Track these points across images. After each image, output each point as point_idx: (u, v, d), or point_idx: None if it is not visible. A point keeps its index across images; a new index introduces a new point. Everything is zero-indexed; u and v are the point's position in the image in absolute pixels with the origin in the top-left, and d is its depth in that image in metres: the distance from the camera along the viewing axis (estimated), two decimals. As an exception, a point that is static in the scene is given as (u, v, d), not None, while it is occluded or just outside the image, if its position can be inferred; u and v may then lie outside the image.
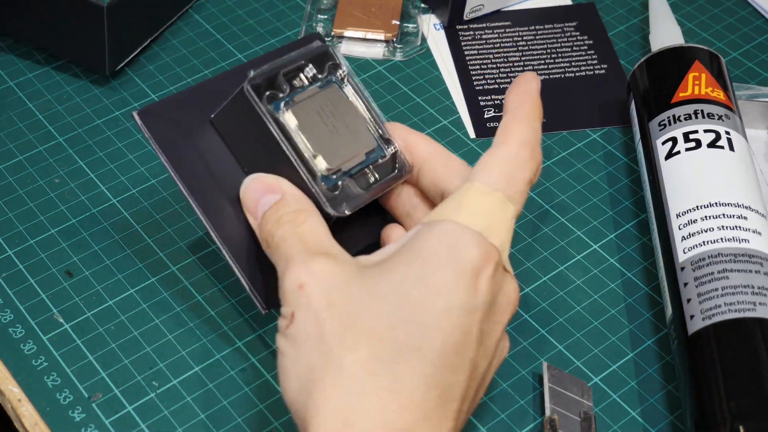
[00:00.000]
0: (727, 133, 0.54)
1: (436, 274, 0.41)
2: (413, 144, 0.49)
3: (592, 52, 0.68)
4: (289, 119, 0.47)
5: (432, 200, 0.49)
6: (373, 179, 0.48)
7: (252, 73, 0.47)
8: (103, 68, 0.63)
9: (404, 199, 0.50)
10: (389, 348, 0.39)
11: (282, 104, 0.47)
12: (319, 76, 0.49)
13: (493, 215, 0.43)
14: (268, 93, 0.47)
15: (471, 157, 0.61)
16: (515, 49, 0.68)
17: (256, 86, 0.47)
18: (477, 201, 0.43)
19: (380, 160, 0.49)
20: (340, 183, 0.47)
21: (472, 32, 0.69)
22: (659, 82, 0.58)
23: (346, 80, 0.50)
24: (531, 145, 0.45)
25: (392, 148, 0.49)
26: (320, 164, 0.47)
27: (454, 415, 0.40)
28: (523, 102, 0.46)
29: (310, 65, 0.49)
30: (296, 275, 0.41)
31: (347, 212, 0.47)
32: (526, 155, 0.45)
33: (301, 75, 0.49)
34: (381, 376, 0.39)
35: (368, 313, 0.40)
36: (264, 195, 0.46)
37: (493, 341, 0.43)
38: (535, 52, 0.68)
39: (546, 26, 0.69)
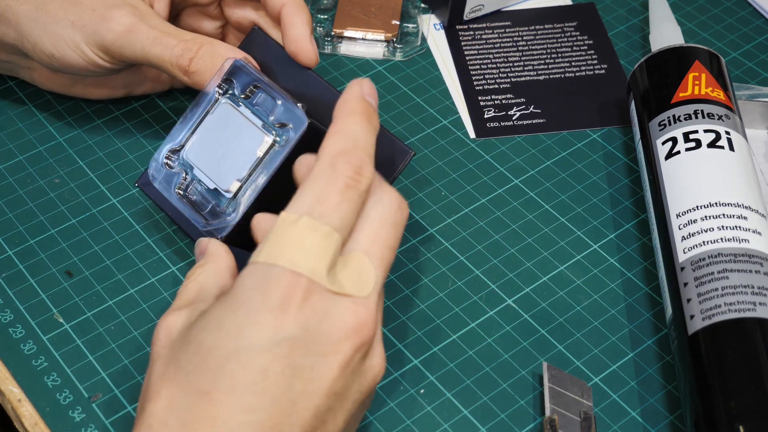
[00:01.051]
0: (727, 133, 0.54)
1: (231, 318, 0.41)
2: None
3: (592, 52, 0.68)
4: (188, 158, 0.52)
5: None
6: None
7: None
8: None
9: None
10: (182, 397, 0.40)
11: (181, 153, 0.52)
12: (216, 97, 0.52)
13: (298, 244, 0.41)
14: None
15: (471, 157, 0.61)
16: (515, 49, 0.68)
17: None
18: (282, 234, 0.42)
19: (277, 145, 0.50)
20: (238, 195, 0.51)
21: (472, 32, 0.69)
22: (659, 82, 0.58)
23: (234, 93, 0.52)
24: (338, 154, 0.43)
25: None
26: (223, 188, 0.50)
27: None
28: (336, 113, 0.45)
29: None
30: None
31: (238, 217, 0.50)
32: (332, 167, 0.43)
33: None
34: (170, 425, 0.39)
35: (174, 361, 0.41)
36: (198, 257, 0.48)
37: (324, 372, 0.40)
38: (535, 52, 0.68)
39: (546, 26, 0.69)
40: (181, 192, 0.52)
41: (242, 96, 0.51)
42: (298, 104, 0.50)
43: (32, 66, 0.60)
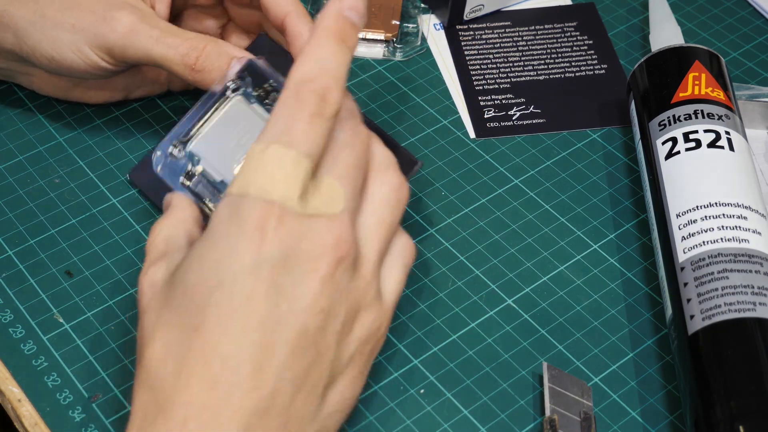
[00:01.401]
0: (727, 133, 0.54)
1: (210, 252, 0.42)
2: None
3: (592, 52, 0.68)
4: (196, 150, 0.51)
5: None
6: None
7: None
8: None
9: None
10: (176, 334, 0.41)
11: (189, 142, 0.52)
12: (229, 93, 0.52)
13: (268, 171, 0.42)
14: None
15: (471, 157, 0.61)
16: (515, 49, 0.68)
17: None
18: (252, 163, 0.42)
19: None
20: None
21: (472, 32, 0.69)
22: (659, 82, 0.58)
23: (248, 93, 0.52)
24: (302, 82, 0.43)
25: None
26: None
27: (247, 376, 0.40)
28: (311, 33, 0.45)
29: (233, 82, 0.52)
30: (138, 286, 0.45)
31: None
32: (296, 96, 0.43)
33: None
34: (168, 364, 0.41)
35: (165, 306, 0.42)
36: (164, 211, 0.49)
37: (306, 288, 0.41)
38: (535, 52, 0.68)
39: (546, 26, 0.69)
40: (187, 182, 0.51)
41: (255, 94, 0.51)
42: None
43: (31, 72, 0.60)
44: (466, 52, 0.67)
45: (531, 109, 0.64)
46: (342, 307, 0.42)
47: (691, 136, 0.54)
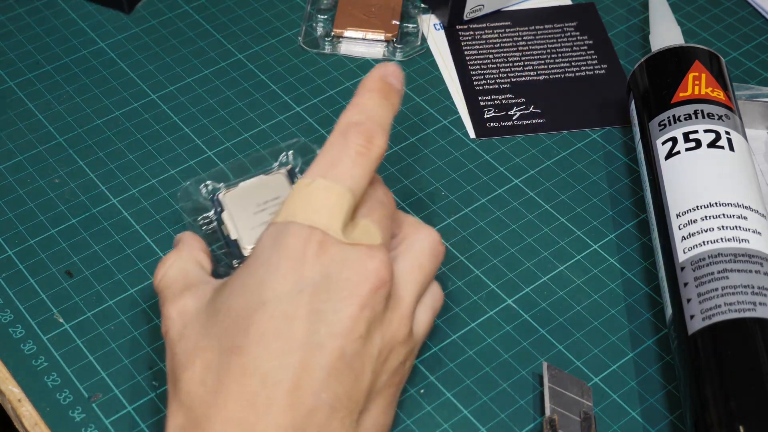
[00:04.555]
0: (727, 133, 0.54)
1: (253, 276, 0.43)
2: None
3: (592, 52, 0.68)
4: (223, 200, 0.54)
5: None
6: None
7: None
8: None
9: None
10: (215, 357, 0.42)
11: (222, 187, 0.55)
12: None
13: (313, 201, 0.44)
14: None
15: (471, 157, 0.61)
16: (515, 49, 0.68)
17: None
18: (298, 195, 0.44)
19: None
20: None
21: (472, 32, 0.69)
22: (659, 82, 0.58)
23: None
24: (350, 125, 0.45)
25: None
26: (244, 244, 0.52)
27: (286, 394, 0.41)
28: (357, 91, 0.47)
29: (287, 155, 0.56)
30: (162, 323, 0.45)
31: None
32: (344, 136, 0.45)
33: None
34: (207, 383, 0.42)
35: (203, 333, 0.43)
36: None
37: (345, 314, 0.42)
38: (535, 52, 0.68)
39: (546, 26, 0.69)
40: (202, 223, 0.54)
41: (299, 172, 0.55)
42: None
43: None
44: (466, 52, 0.67)
45: (531, 109, 0.64)
46: (377, 335, 0.43)
47: (691, 136, 0.54)
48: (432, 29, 0.69)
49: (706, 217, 0.51)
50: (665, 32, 0.63)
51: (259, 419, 0.40)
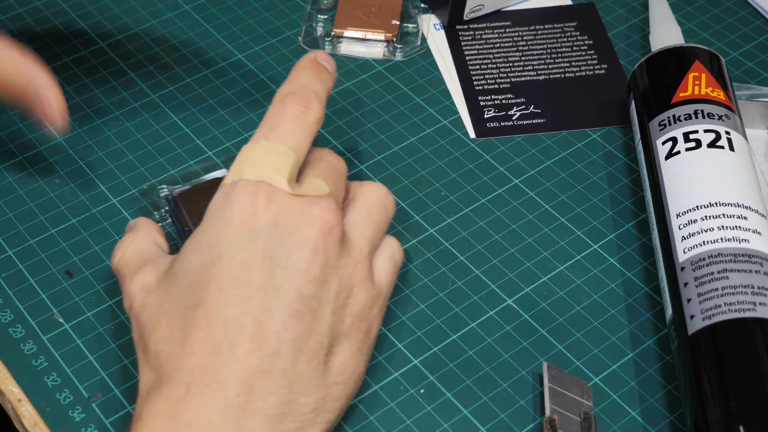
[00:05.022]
0: (727, 133, 0.54)
1: (208, 233, 0.45)
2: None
3: (592, 52, 0.68)
4: (177, 198, 0.55)
5: None
6: None
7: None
8: None
9: None
10: (179, 314, 0.43)
11: None
12: None
13: (258, 160, 0.46)
14: None
15: (471, 157, 0.61)
16: (515, 49, 0.68)
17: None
18: (243, 157, 0.47)
19: None
20: None
21: (472, 32, 0.69)
22: (659, 82, 0.58)
23: None
24: (287, 93, 0.49)
25: None
26: None
27: (249, 338, 0.42)
28: (291, 71, 0.51)
29: None
30: (124, 299, 0.47)
31: None
32: (281, 103, 0.48)
33: None
34: (173, 339, 0.43)
35: (166, 295, 0.45)
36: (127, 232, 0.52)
37: (298, 257, 0.44)
38: (535, 52, 0.68)
39: (546, 26, 0.69)
40: (159, 220, 0.56)
41: None
42: None
43: None
44: (466, 52, 0.67)
45: (531, 109, 0.64)
46: (333, 278, 0.45)
47: (691, 136, 0.54)
48: (432, 29, 0.69)
49: (706, 217, 0.51)
50: (665, 32, 0.63)
51: (223, 364, 0.42)
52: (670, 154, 0.54)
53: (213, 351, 0.42)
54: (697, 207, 0.51)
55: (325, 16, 0.68)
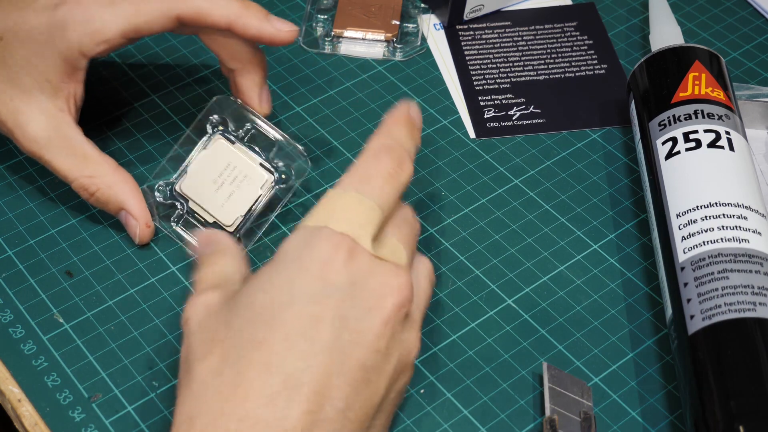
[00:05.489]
0: (727, 133, 0.54)
1: (281, 274, 0.43)
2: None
3: (592, 52, 0.68)
4: (183, 191, 0.55)
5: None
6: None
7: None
8: None
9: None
10: (236, 350, 0.42)
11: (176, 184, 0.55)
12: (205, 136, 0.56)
13: (346, 211, 0.45)
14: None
15: (471, 157, 0.61)
16: (515, 49, 0.68)
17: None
18: (330, 203, 0.45)
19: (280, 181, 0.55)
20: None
21: (472, 32, 0.69)
22: (659, 82, 0.58)
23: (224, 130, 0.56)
24: (382, 147, 0.47)
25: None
26: (224, 222, 0.55)
27: (306, 398, 0.41)
28: (382, 122, 0.49)
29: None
30: (185, 310, 0.45)
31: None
32: (376, 158, 0.47)
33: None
34: (225, 375, 0.41)
35: (224, 325, 0.43)
36: (204, 248, 0.50)
37: (369, 325, 0.43)
38: (535, 52, 0.68)
39: (546, 26, 0.69)
40: (177, 224, 0.55)
41: (236, 134, 0.55)
42: (297, 145, 0.55)
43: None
44: (466, 52, 0.67)
45: (531, 109, 0.64)
46: (395, 353, 0.44)
47: (691, 136, 0.54)
48: (432, 29, 0.69)
49: (706, 217, 0.51)
50: (665, 32, 0.63)
51: (278, 421, 0.40)
52: (670, 154, 0.54)
53: (268, 402, 0.40)
54: (697, 207, 0.51)
55: (325, 16, 0.68)
